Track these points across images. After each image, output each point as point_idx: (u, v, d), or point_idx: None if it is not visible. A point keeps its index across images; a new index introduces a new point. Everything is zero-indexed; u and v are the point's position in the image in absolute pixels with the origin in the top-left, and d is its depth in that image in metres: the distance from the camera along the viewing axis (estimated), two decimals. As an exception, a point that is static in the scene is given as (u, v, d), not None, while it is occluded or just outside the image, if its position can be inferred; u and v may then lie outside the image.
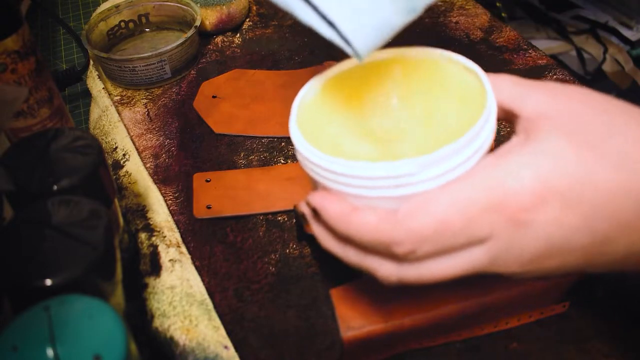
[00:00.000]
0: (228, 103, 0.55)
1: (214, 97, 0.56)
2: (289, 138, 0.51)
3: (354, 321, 0.34)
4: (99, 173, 0.34)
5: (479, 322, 0.36)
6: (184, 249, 0.42)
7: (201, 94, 0.56)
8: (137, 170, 0.47)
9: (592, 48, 0.93)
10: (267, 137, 0.51)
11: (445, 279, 0.28)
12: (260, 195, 0.46)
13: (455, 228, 0.26)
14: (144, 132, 0.53)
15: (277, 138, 0.51)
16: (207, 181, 0.47)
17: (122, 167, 0.48)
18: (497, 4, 0.80)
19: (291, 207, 0.44)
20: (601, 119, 0.26)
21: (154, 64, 0.56)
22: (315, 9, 0.27)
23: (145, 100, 0.56)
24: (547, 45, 0.94)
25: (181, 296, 0.38)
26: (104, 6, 0.62)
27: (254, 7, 0.68)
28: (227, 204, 0.45)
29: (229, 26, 0.64)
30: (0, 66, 0.39)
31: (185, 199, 0.46)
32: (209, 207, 0.45)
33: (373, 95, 0.32)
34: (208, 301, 0.38)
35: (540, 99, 0.28)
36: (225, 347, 0.35)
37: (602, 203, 0.25)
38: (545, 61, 0.56)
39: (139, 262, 0.41)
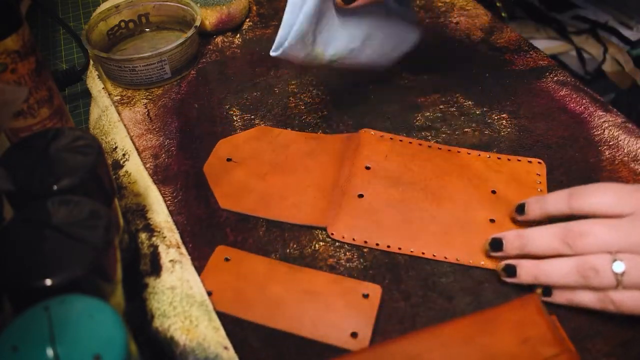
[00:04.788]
0: (243, 170, 0.48)
1: (228, 159, 0.50)
2: (300, 226, 0.44)
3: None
4: (99, 173, 0.34)
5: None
6: (183, 249, 0.42)
7: (215, 154, 0.50)
8: (136, 170, 0.47)
9: (592, 48, 0.93)
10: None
11: None
12: (269, 304, 0.39)
13: None
14: (144, 132, 0.53)
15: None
16: (227, 260, 0.42)
17: (122, 167, 0.48)
18: (497, 4, 0.80)
19: (296, 332, 0.37)
20: None
21: (154, 64, 0.56)
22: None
23: (145, 100, 0.56)
24: (547, 45, 0.94)
25: (181, 297, 0.38)
26: (104, 6, 0.62)
27: (254, 7, 0.68)
28: (229, 298, 0.39)
29: (229, 26, 0.64)
30: (0, 66, 0.39)
31: (184, 198, 0.46)
32: (209, 294, 0.39)
33: None
34: (208, 302, 0.38)
35: None
36: (225, 347, 0.35)
37: None
38: (546, 62, 0.56)
39: (139, 262, 0.41)
